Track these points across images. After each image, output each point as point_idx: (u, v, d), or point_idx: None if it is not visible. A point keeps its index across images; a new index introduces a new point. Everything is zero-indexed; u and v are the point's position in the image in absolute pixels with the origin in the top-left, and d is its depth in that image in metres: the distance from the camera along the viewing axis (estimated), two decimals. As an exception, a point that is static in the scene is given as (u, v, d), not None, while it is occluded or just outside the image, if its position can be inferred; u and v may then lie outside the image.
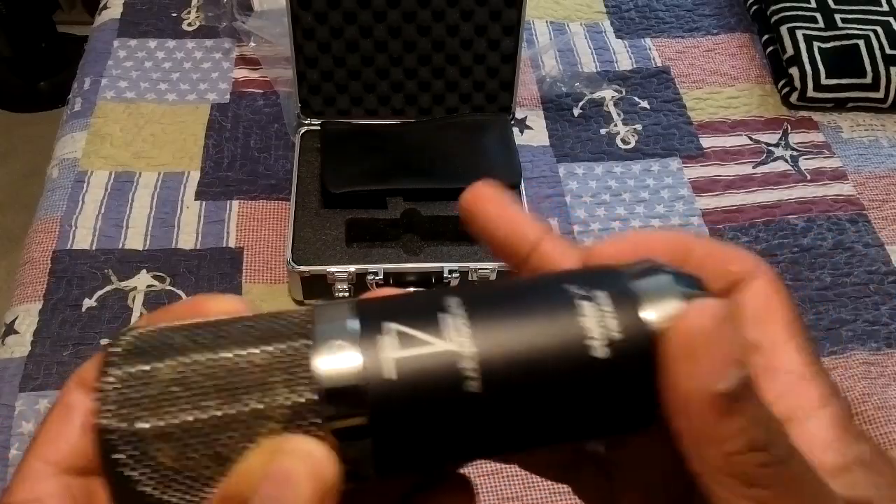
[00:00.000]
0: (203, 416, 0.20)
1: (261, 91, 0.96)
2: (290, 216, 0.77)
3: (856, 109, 0.98)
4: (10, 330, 0.74)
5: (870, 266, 0.83)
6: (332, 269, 0.74)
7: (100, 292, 0.77)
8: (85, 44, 1.03)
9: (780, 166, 0.93)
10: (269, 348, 0.21)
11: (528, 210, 0.79)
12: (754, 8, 1.07)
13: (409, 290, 0.24)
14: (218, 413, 0.20)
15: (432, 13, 0.81)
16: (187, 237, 0.82)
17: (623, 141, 0.94)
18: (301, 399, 0.20)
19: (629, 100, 0.98)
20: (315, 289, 0.75)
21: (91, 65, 0.98)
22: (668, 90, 1.00)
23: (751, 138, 0.96)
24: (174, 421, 0.20)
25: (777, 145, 0.95)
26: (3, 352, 0.73)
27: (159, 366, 0.21)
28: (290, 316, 0.22)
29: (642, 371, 0.21)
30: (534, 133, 0.94)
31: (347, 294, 0.75)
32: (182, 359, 0.21)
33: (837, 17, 0.99)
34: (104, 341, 0.72)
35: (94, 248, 0.80)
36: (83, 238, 0.81)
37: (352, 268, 0.74)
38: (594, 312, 0.21)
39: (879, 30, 0.98)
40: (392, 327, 0.21)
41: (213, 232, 0.82)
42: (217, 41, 1.01)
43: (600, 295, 0.22)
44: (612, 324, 0.21)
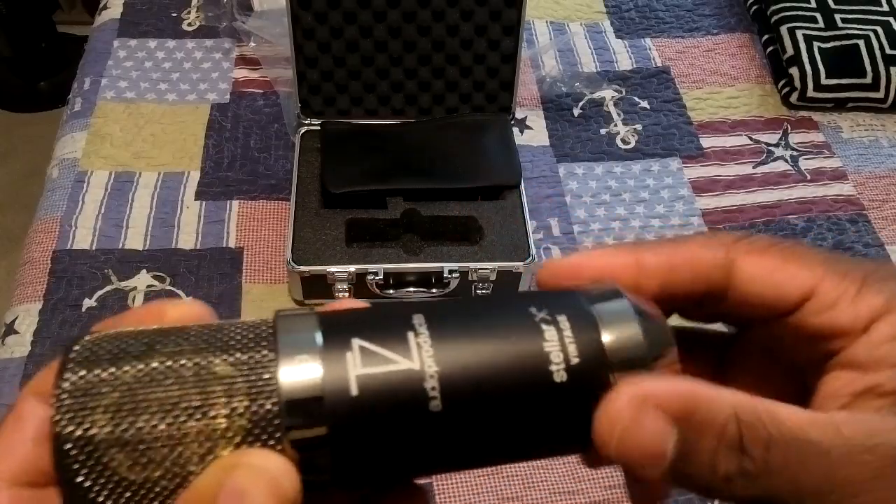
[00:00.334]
0: (159, 424, 0.20)
1: (261, 91, 0.96)
2: (290, 216, 0.77)
3: (856, 109, 0.98)
4: (10, 330, 0.74)
5: (870, 266, 0.83)
6: (332, 269, 0.74)
7: (100, 292, 0.77)
8: (85, 44, 1.03)
9: (780, 166, 0.93)
10: (231, 358, 0.21)
11: (529, 211, 0.79)
12: (754, 8, 1.07)
13: (374, 303, 0.24)
14: (175, 422, 0.20)
15: (432, 13, 0.81)
16: (187, 237, 0.82)
17: (623, 141, 0.94)
18: (261, 409, 0.20)
19: (629, 100, 0.98)
20: (315, 289, 0.75)
21: (91, 65, 0.98)
22: (668, 90, 1.00)
23: (751, 138, 0.96)
24: (130, 429, 0.20)
25: (777, 145, 0.95)
26: (3, 352, 0.73)
27: (117, 372, 0.20)
28: (253, 326, 0.22)
29: (596, 395, 0.21)
30: (534, 133, 0.94)
31: (347, 294, 0.75)
32: (140, 366, 0.20)
33: (837, 17, 0.99)
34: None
35: (94, 248, 0.80)
36: (83, 238, 0.81)
37: (352, 268, 0.74)
38: (556, 337, 0.22)
39: (879, 30, 0.98)
40: (356, 343, 0.21)
41: (213, 232, 0.82)
42: (217, 41, 1.01)
43: (562, 319, 0.22)
44: (572, 349, 0.21)
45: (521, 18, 0.81)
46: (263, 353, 0.21)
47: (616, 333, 0.22)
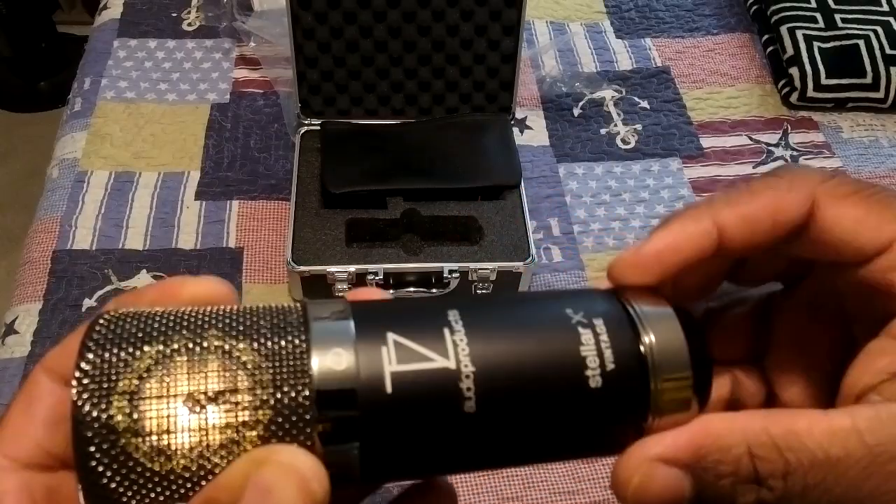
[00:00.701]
0: (182, 413, 0.19)
1: (261, 91, 0.96)
2: (290, 216, 0.77)
3: (856, 109, 0.98)
4: (10, 330, 0.74)
5: (870, 266, 0.83)
6: (332, 269, 0.74)
7: (100, 292, 0.77)
8: (85, 44, 1.03)
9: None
10: (257, 345, 0.20)
11: (529, 210, 0.79)
12: (754, 8, 1.07)
13: (404, 294, 0.24)
14: (199, 410, 0.19)
15: (432, 13, 0.81)
16: (187, 237, 0.82)
17: (623, 141, 0.94)
18: (289, 400, 0.19)
19: (629, 100, 0.98)
20: (315, 289, 0.75)
21: (91, 65, 0.98)
22: (668, 90, 1.00)
23: (751, 138, 0.96)
24: (153, 415, 0.19)
25: (777, 145, 0.95)
26: (3, 352, 0.73)
27: (140, 354, 0.19)
28: (279, 311, 0.21)
29: (630, 401, 0.21)
30: (534, 133, 0.94)
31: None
32: (164, 349, 0.19)
33: (837, 17, 0.99)
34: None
35: (94, 248, 0.80)
36: (83, 238, 0.81)
37: (352, 268, 0.74)
38: (592, 341, 0.21)
39: (879, 30, 0.97)
40: (391, 337, 0.20)
41: (213, 232, 0.82)
42: (217, 41, 1.01)
43: (598, 323, 0.22)
44: (608, 354, 0.21)
45: (521, 18, 0.81)
46: (294, 341, 0.20)
47: (654, 339, 0.22)
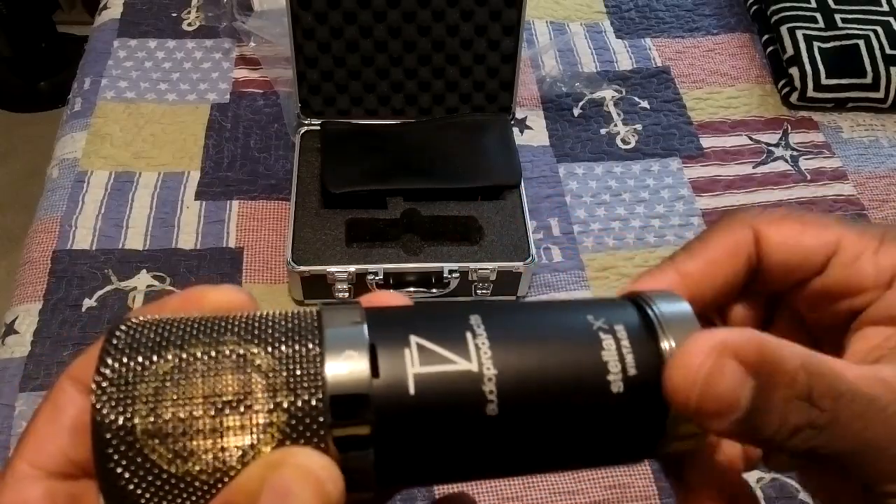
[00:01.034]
0: (200, 417, 0.19)
1: (261, 91, 0.96)
2: (290, 216, 0.77)
3: (856, 109, 0.98)
4: (10, 330, 0.74)
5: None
6: (332, 269, 0.74)
7: (100, 292, 0.77)
8: (85, 44, 1.03)
9: (781, 166, 0.93)
10: (273, 350, 0.20)
11: (529, 210, 0.79)
12: (754, 8, 1.07)
13: (419, 301, 0.24)
14: (217, 414, 0.19)
15: (432, 13, 0.81)
16: (187, 237, 0.82)
17: (623, 141, 0.94)
18: (305, 405, 0.19)
19: (629, 100, 0.98)
20: (315, 289, 0.75)
21: (91, 65, 0.98)
22: (668, 90, 1.00)
23: (751, 138, 0.96)
24: (171, 420, 0.19)
25: (777, 145, 0.95)
26: (3, 352, 0.73)
27: (158, 361, 0.20)
28: (295, 317, 0.21)
29: (651, 407, 0.21)
30: (534, 133, 0.94)
31: (347, 294, 0.75)
32: (182, 355, 0.20)
33: (837, 17, 0.99)
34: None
35: (94, 248, 0.80)
36: (83, 238, 0.81)
37: (352, 268, 0.74)
38: (614, 347, 0.21)
39: (879, 30, 0.97)
40: (413, 340, 0.20)
41: (213, 232, 0.82)
42: (217, 41, 1.01)
43: (619, 329, 0.22)
44: (629, 360, 0.21)
45: (521, 18, 0.81)
46: (308, 346, 0.20)
47: (674, 345, 0.22)
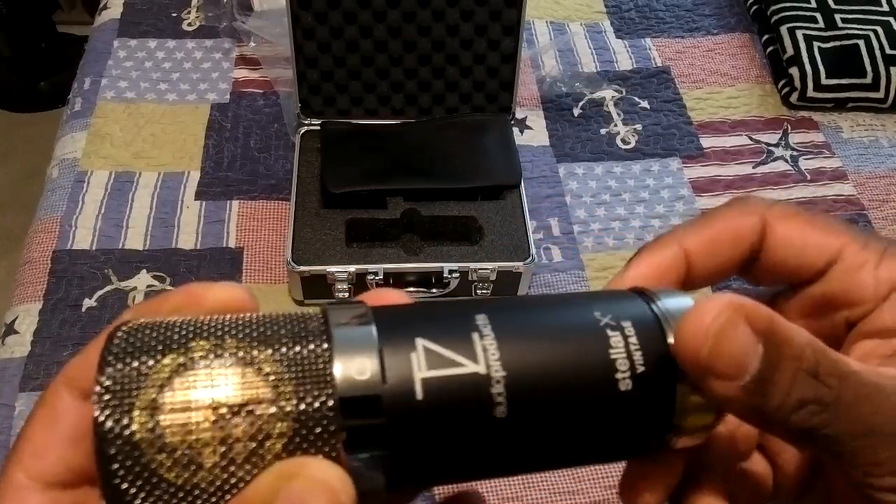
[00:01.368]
0: (203, 424, 0.18)
1: (261, 91, 0.96)
2: (290, 216, 0.77)
3: (856, 109, 0.98)
4: (10, 330, 0.74)
5: (870, 266, 0.83)
6: (332, 269, 0.74)
7: (100, 292, 0.77)
8: (85, 44, 1.03)
9: (780, 166, 0.93)
10: (278, 353, 0.19)
11: (529, 210, 0.79)
12: (754, 8, 1.07)
13: (422, 300, 0.23)
14: (220, 421, 0.19)
15: (432, 13, 0.81)
16: (187, 237, 0.82)
17: (623, 141, 0.94)
18: (312, 409, 0.19)
19: (629, 100, 0.98)
20: (315, 289, 0.75)
21: (91, 65, 0.98)
22: (668, 90, 1.00)
23: (751, 138, 0.96)
24: (172, 428, 0.18)
25: (777, 145, 0.95)
26: (3, 352, 0.73)
27: (159, 367, 0.19)
28: (300, 319, 0.21)
29: (659, 402, 0.21)
30: (534, 133, 0.94)
31: (347, 294, 0.75)
32: (183, 360, 0.19)
33: (837, 17, 0.99)
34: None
35: (94, 248, 0.80)
36: (83, 238, 0.81)
37: (352, 268, 0.74)
38: (622, 344, 0.21)
39: (879, 30, 0.97)
40: (420, 343, 0.20)
41: (213, 232, 0.82)
42: (217, 41, 1.01)
43: (627, 325, 0.22)
44: (637, 357, 0.21)
45: (521, 18, 0.81)
46: (314, 349, 0.19)
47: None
